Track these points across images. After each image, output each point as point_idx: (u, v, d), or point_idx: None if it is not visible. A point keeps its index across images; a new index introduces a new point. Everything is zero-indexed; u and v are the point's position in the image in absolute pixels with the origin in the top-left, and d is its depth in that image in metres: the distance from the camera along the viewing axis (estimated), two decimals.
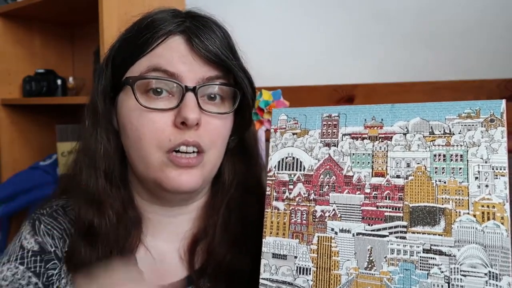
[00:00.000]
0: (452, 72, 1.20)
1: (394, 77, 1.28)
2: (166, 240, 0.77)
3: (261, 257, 0.60)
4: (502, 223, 0.48)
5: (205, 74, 0.68)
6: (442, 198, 0.52)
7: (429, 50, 1.25)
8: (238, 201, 0.77)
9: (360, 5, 1.37)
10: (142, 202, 0.77)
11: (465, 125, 0.52)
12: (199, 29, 0.68)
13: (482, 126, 0.51)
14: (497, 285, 0.47)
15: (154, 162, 0.68)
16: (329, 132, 0.59)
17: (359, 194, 0.56)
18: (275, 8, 1.54)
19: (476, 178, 0.51)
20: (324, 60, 1.45)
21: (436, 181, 0.52)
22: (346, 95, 1.34)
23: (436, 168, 0.53)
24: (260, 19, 1.57)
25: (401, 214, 0.53)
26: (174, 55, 0.67)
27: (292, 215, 0.59)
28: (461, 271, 0.49)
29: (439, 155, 0.53)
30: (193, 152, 0.68)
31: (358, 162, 0.57)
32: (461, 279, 0.49)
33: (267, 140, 1.18)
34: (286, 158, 0.61)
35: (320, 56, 1.46)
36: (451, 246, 0.50)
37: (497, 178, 0.49)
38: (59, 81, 1.95)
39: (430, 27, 1.25)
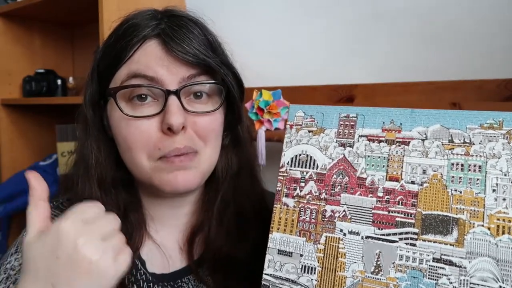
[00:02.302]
0: (452, 72, 1.17)
1: (394, 77, 1.25)
2: (168, 232, 0.76)
3: (266, 252, 0.56)
4: None
5: (185, 74, 0.64)
6: (457, 208, 0.49)
7: (430, 50, 1.22)
8: (233, 193, 0.75)
9: (360, 5, 1.33)
10: (145, 199, 0.75)
11: (486, 135, 0.49)
12: (174, 31, 0.64)
13: (504, 138, 0.48)
14: None
15: (147, 169, 0.66)
16: (345, 132, 0.56)
17: (371, 197, 0.53)
18: (275, 8, 1.50)
19: (494, 190, 0.48)
20: (324, 60, 1.41)
21: (451, 190, 0.49)
22: (346, 95, 1.31)
23: (453, 177, 0.50)
24: (260, 19, 1.53)
25: (413, 221, 0.50)
26: (151, 59, 0.64)
27: (301, 212, 0.56)
28: (470, 283, 0.46)
29: (457, 164, 0.50)
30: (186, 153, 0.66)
31: (372, 165, 0.54)
32: None
33: (267, 140, 1.15)
34: (300, 155, 0.58)
35: (320, 56, 1.42)
36: (462, 257, 0.47)
37: None
38: (59, 81, 1.91)
39: (430, 27, 1.22)
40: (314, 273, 0.53)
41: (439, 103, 1.14)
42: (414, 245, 0.49)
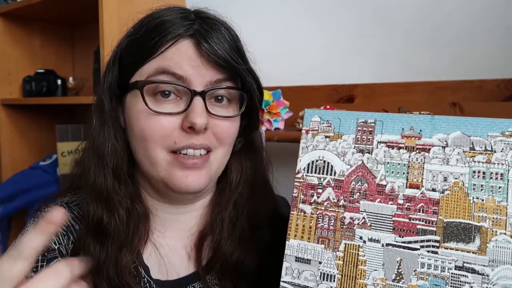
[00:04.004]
0: (452, 72, 1.16)
1: (394, 77, 1.24)
2: (173, 236, 0.72)
3: (283, 259, 0.54)
4: None
5: (213, 77, 0.63)
6: (479, 216, 0.47)
7: (429, 50, 1.21)
8: (246, 199, 0.73)
9: (360, 5, 1.32)
10: (149, 198, 0.72)
11: (508, 143, 0.48)
12: (208, 33, 0.63)
13: None
14: None
15: (160, 162, 0.64)
16: (363, 138, 0.54)
17: (391, 204, 0.51)
18: (275, 8, 1.48)
19: None
20: (324, 60, 1.40)
21: (473, 198, 0.48)
22: (346, 95, 1.29)
23: (475, 184, 0.48)
24: (260, 19, 1.51)
25: (434, 228, 0.49)
26: (183, 58, 0.62)
27: (319, 219, 0.54)
28: None
29: (479, 172, 0.49)
30: (200, 154, 0.64)
31: (392, 172, 0.52)
32: None
33: (267, 140, 1.13)
34: (317, 161, 0.56)
35: (320, 56, 1.40)
36: (485, 265, 0.46)
37: None
38: (59, 81, 1.87)
39: (430, 27, 1.20)
40: (334, 280, 0.51)
41: (439, 103, 1.13)
42: (436, 252, 0.48)
